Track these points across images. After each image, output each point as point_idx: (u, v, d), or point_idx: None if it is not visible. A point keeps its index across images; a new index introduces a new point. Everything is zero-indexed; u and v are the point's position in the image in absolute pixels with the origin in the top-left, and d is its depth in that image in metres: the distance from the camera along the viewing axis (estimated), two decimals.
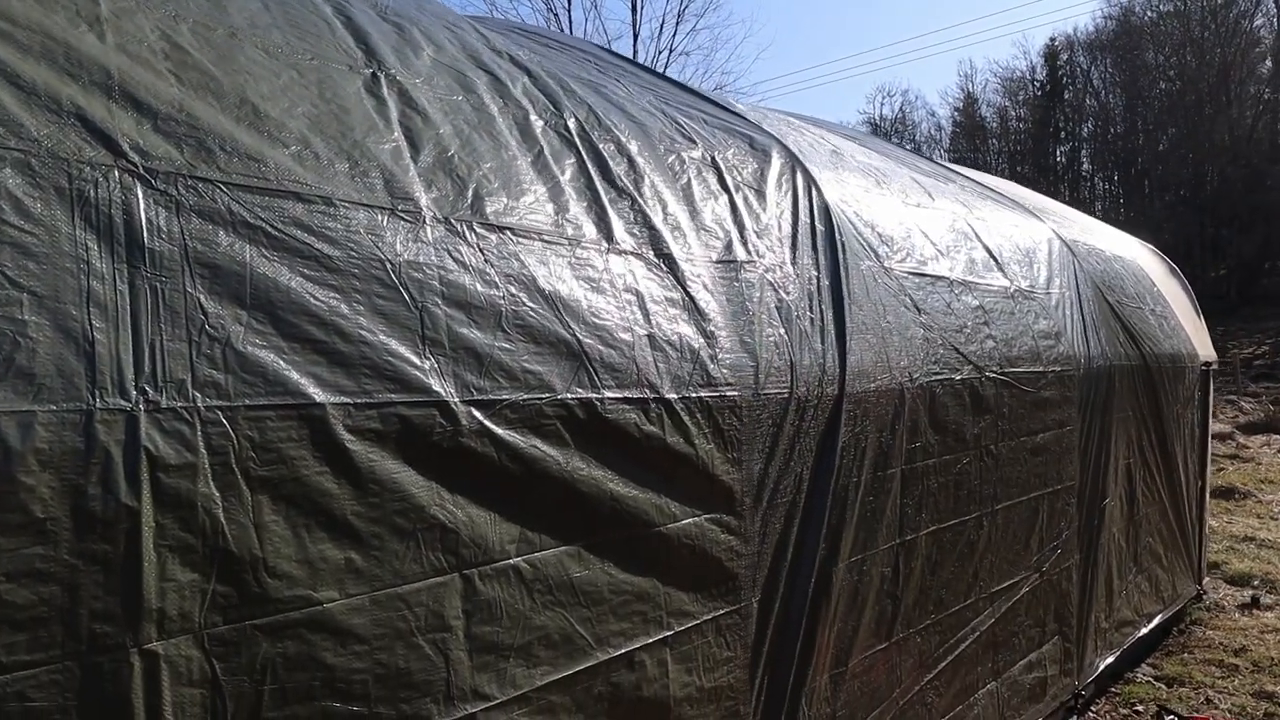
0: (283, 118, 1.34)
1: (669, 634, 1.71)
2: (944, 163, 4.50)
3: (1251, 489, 8.10)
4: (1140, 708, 3.64)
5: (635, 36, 20.39)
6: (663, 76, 2.80)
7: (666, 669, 1.70)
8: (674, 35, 25.79)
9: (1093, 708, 3.65)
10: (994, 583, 2.88)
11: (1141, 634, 4.07)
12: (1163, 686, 3.89)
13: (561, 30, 19.53)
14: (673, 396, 1.70)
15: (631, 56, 20.50)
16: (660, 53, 21.98)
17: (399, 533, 1.29)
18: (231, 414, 1.14)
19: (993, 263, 3.11)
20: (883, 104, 72.05)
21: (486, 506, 1.41)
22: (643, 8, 20.35)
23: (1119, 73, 35.61)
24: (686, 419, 1.73)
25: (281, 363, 1.20)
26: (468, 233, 1.49)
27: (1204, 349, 4.95)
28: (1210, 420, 5.09)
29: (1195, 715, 3.20)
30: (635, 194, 1.87)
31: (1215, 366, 5.14)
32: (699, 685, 1.77)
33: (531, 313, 1.52)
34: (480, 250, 1.49)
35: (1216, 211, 28.62)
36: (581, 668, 1.54)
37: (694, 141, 2.20)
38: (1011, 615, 3.01)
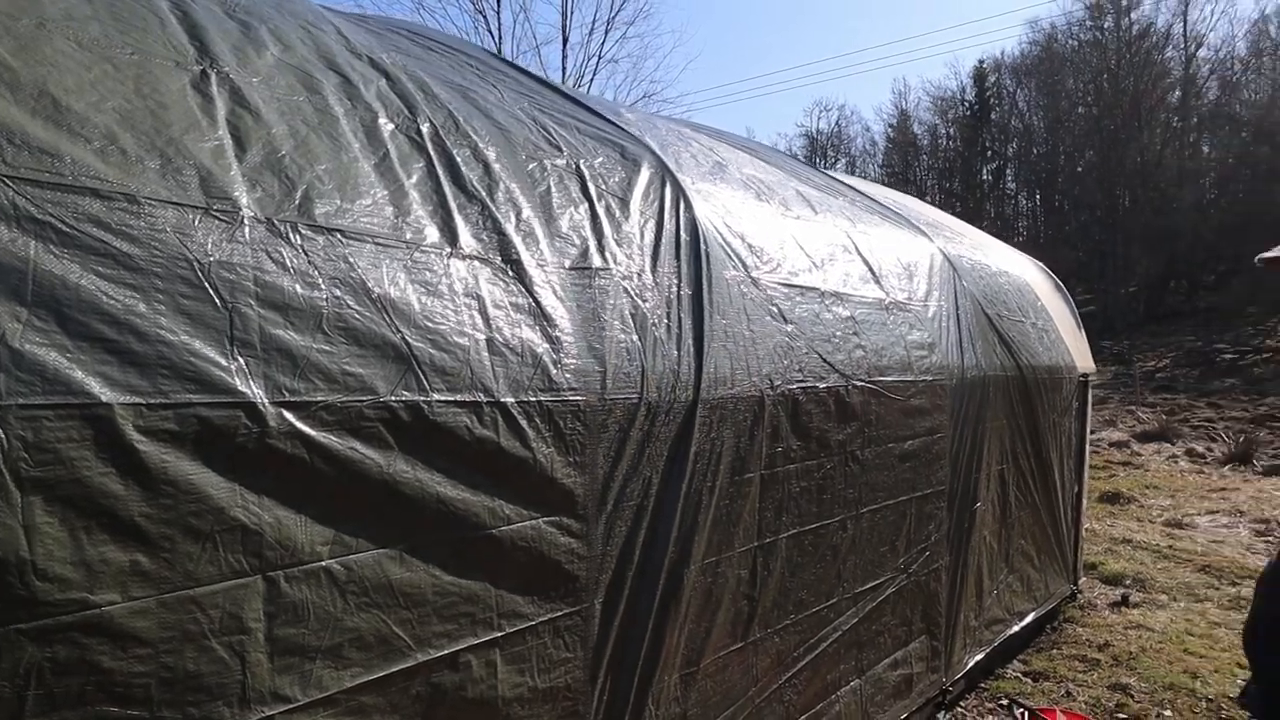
0: (87, 112, 1.32)
1: (499, 635, 1.72)
2: (841, 176, 4.63)
3: (1136, 494, 8.51)
4: (1005, 702, 3.80)
5: (565, 42, 20.32)
6: (547, 83, 2.81)
7: (495, 670, 1.72)
8: (603, 42, 25.70)
9: (961, 703, 3.79)
10: (858, 583, 2.98)
11: (1012, 631, 4.24)
12: (1029, 681, 4.07)
13: (492, 30, 19.38)
14: (509, 400, 1.72)
15: (561, 62, 20.43)
16: (590, 59, 21.95)
17: (194, 535, 1.28)
18: (2, 414, 1.11)
19: (869, 275, 3.21)
20: (819, 118, 73.49)
21: (296, 509, 1.40)
22: (572, 13, 20.31)
23: (1042, 96, 37.02)
24: (524, 422, 1.75)
25: (64, 361, 1.18)
26: (291, 234, 1.48)
27: (1083, 361, 5.18)
28: (1088, 429, 5.33)
29: (1042, 709, 3.34)
30: (487, 199, 1.89)
31: (1094, 378, 5.39)
32: (532, 686, 1.79)
33: (357, 315, 1.52)
34: (304, 252, 1.48)
35: (1128, 231, 29.97)
36: (398, 669, 1.54)
37: (560, 149, 2.22)
38: (877, 615, 3.11)
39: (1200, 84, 32.69)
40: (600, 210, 2.15)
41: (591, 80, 21.04)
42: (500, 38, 19.66)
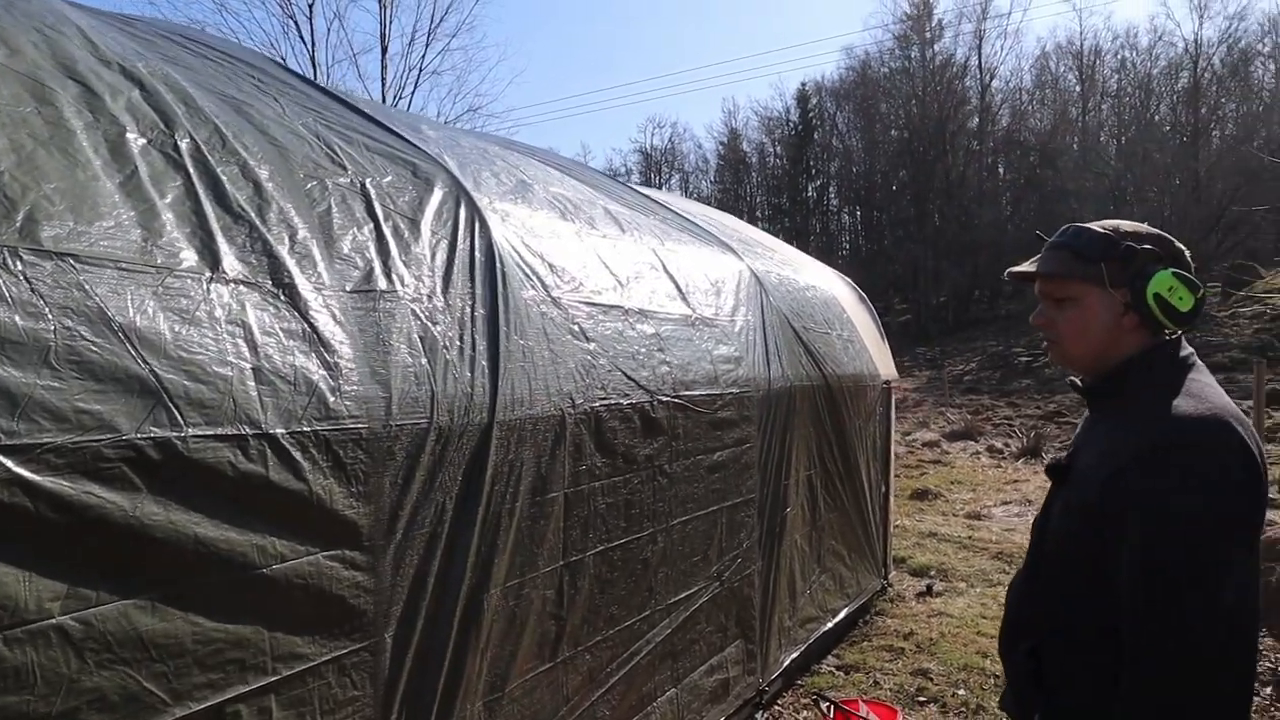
0: None
1: (275, 679, 1.63)
2: (657, 195, 4.75)
3: (943, 490, 9.22)
4: (826, 694, 3.99)
5: (384, 51, 19.75)
6: (340, 98, 2.72)
7: (270, 716, 1.63)
8: (424, 55, 25.20)
9: (779, 701, 3.95)
10: (671, 595, 3.05)
11: (826, 628, 4.48)
12: (841, 674, 4.31)
13: (304, 37, 18.59)
14: (280, 432, 1.64)
15: (380, 72, 19.83)
16: (410, 70, 21.41)
17: None
18: None
19: (676, 292, 3.30)
20: (653, 134, 75.23)
21: (17, 563, 1.28)
22: (392, 22, 19.75)
23: (859, 118, 39.66)
24: (297, 454, 1.67)
25: None
26: (10, 260, 1.35)
27: (886, 369, 5.56)
28: (893, 432, 5.72)
29: (847, 700, 3.55)
30: (256, 220, 1.80)
31: (896, 384, 5.79)
32: None
33: (93, 347, 1.40)
34: (26, 279, 1.36)
35: (938, 245, 32.57)
36: None
37: (344, 167, 2.16)
38: (691, 624, 3.19)
39: (995, 111, 36.11)
40: (387, 231, 2.10)
41: (413, 93, 20.56)
42: (314, 46, 18.88)
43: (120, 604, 1.40)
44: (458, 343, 2.13)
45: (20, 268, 1.36)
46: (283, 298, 1.76)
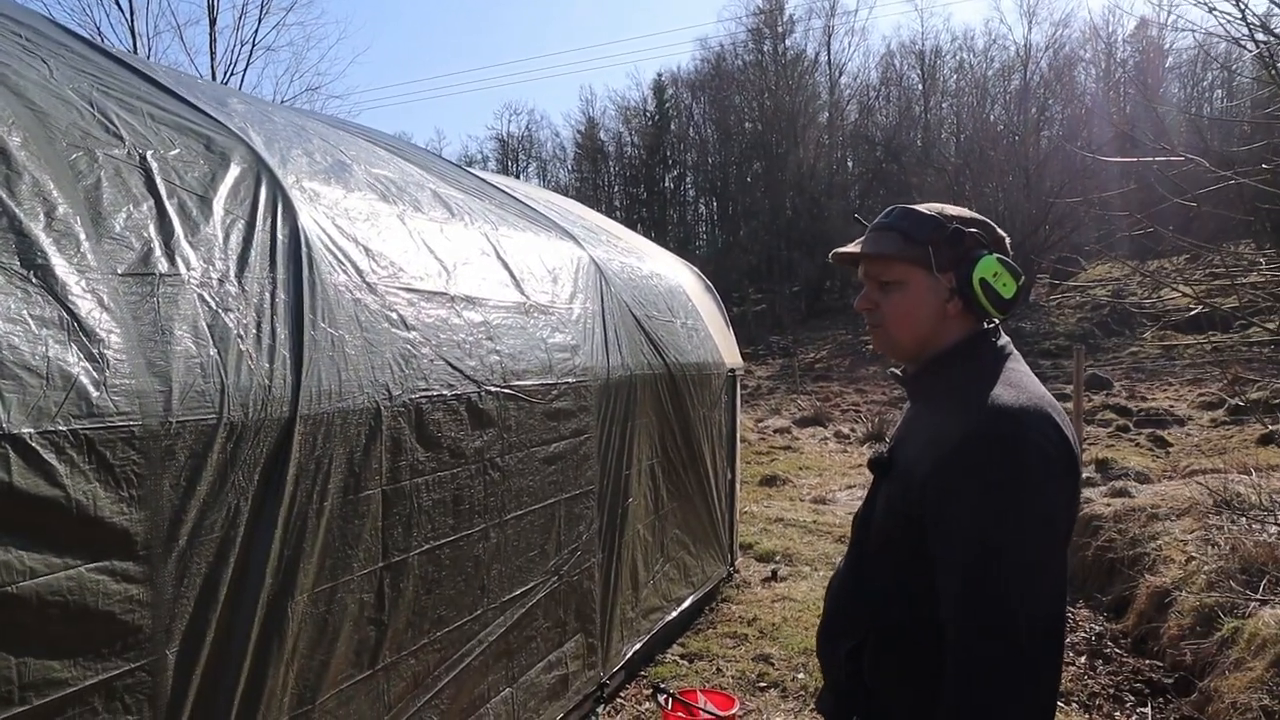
0: None
1: (23, 709, 1.46)
2: (498, 180, 4.64)
3: (791, 476, 9.57)
4: (664, 686, 4.03)
5: (212, 24, 18.49)
6: (128, 64, 2.47)
7: None
8: (257, 29, 23.76)
9: (622, 693, 3.96)
10: (505, 592, 2.98)
11: (670, 618, 4.53)
12: (685, 663, 4.37)
13: (122, 5, 17.18)
14: (27, 432, 1.46)
15: (209, 45, 18.58)
16: (242, 45, 20.14)
17: None
18: None
19: (509, 279, 3.23)
20: (510, 121, 74.16)
21: None
22: None
23: (714, 110, 40.49)
24: (50, 457, 1.49)
25: None
26: None
27: (731, 357, 5.68)
28: (738, 419, 5.86)
29: (684, 691, 3.60)
30: (3, 195, 1.59)
31: (741, 373, 5.93)
32: None
33: None
34: None
35: (790, 236, 33.77)
36: None
37: (120, 138, 1.95)
38: (527, 621, 3.13)
39: (844, 106, 37.79)
40: (171, 208, 1.91)
41: (246, 68, 19.35)
42: (132, 15, 17.44)
43: None
44: (254, 331, 1.97)
45: None
46: (35, 281, 1.57)
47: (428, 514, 2.54)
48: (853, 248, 1.58)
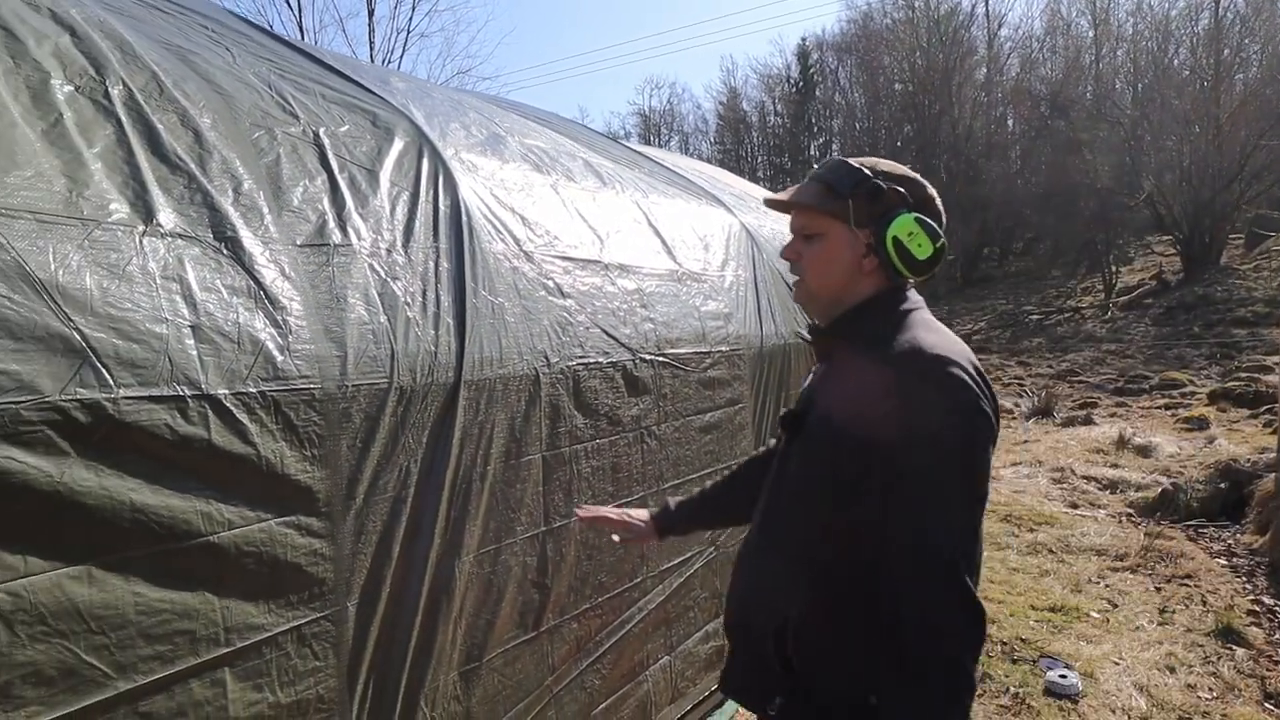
0: None
1: (228, 651, 1.57)
2: (645, 150, 4.61)
3: None
4: None
5: (371, 15, 19.51)
6: (301, 49, 2.60)
7: (225, 689, 1.56)
8: (411, 17, 24.68)
9: None
10: (664, 561, 2.98)
11: None
12: None
13: (291, 3, 18.32)
14: (222, 393, 1.56)
15: (368, 36, 19.54)
16: (398, 34, 21.13)
17: None
18: None
19: (661, 246, 3.19)
20: (651, 96, 74.11)
21: None
22: None
23: (861, 73, 38.87)
24: (243, 417, 1.59)
25: None
26: None
27: None
28: None
29: None
30: (196, 171, 1.70)
31: None
32: (274, 702, 1.65)
33: (8, 304, 1.31)
34: None
35: (945, 202, 32.00)
36: (93, 701, 1.36)
37: (296, 116, 2.05)
38: (685, 590, 3.12)
39: (1003, 61, 35.34)
40: (342, 182, 1.99)
41: (402, 56, 20.30)
42: (300, 11, 18.66)
43: (52, 574, 1.33)
44: (420, 299, 2.03)
45: None
46: (225, 252, 1.67)
47: (587, 480, 2.56)
48: (783, 195, 1.56)
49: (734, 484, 1.92)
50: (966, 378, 1.31)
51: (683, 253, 3.32)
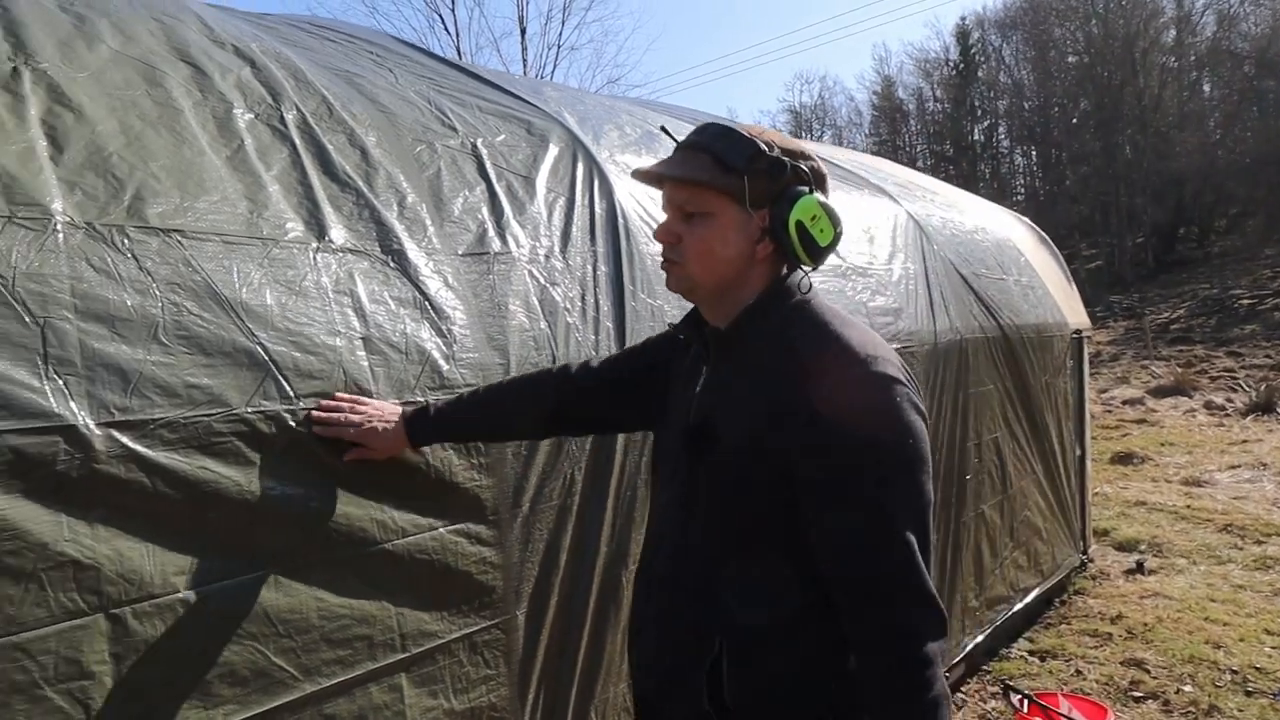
0: None
1: (404, 657, 1.59)
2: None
3: (1151, 453, 8.27)
4: (1014, 684, 3.63)
5: (523, 33, 20.12)
6: (457, 66, 2.67)
7: (402, 694, 1.59)
8: (561, 31, 25.27)
9: (963, 687, 3.63)
10: None
11: (1016, 609, 4.07)
12: (1035, 660, 3.89)
13: (449, 29, 19.27)
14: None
15: (521, 54, 20.21)
16: (550, 48, 21.72)
17: (13, 575, 1.15)
18: None
19: None
20: (802, 91, 72.55)
21: (141, 537, 1.28)
22: (529, 3, 20.07)
23: (1029, 48, 36.32)
24: None
25: None
26: (117, 238, 1.35)
27: (1075, 317, 4.99)
28: (1087, 388, 5.14)
29: (1043, 693, 3.17)
30: (363, 188, 1.75)
31: (1089, 334, 5.19)
32: (449, 709, 1.66)
33: (200, 321, 1.38)
34: (134, 256, 1.35)
35: (1130, 180, 29.36)
36: (282, 702, 1.41)
37: (454, 130, 2.09)
38: None
39: (1196, 20, 31.95)
40: (500, 190, 2.01)
41: (553, 70, 20.83)
42: (458, 36, 19.60)
43: (243, 578, 1.39)
44: (579, 304, 2.01)
45: (128, 245, 1.35)
46: (392, 264, 1.71)
47: None
48: (656, 166, 1.35)
49: (519, 392, 1.65)
50: (900, 374, 1.22)
51: (846, 246, 3.16)
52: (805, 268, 1.34)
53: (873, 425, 1.17)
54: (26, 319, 1.22)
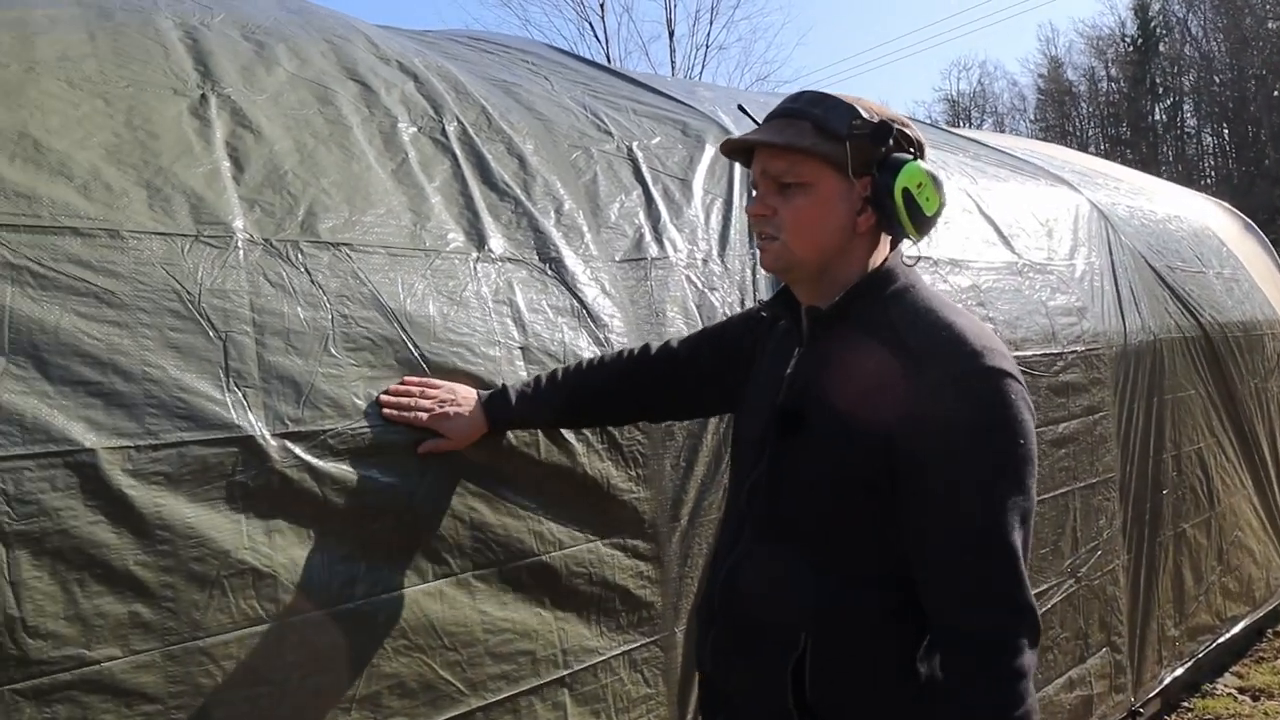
0: (70, 150, 1.27)
1: (566, 673, 1.56)
2: (962, 131, 4.19)
3: None
4: None
5: (671, 35, 20.09)
6: (612, 70, 2.66)
7: (566, 712, 1.56)
8: (709, 31, 24.91)
9: None
10: None
11: (1223, 640, 3.64)
12: (1246, 699, 3.45)
13: (599, 37, 19.57)
14: None
15: (669, 56, 20.22)
16: (698, 49, 21.56)
17: (198, 581, 1.20)
18: None
19: (996, 236, 2.83)
20: (959, 79, 68.97)
21: (314, 547, 1.30)
22: (676, 6, 20.00)
23: (1220, 16, 32.95)
24: (569, 436, 1.58)
25: (45, 408, 1.12)
26: (292, 253, 1.39)
27: None
28: None
29: None
30: (521, 196, 1.75)
31: None
32: None
33: (366, 334, 1.40)
34: (307, 270, 1.39)
35: None
36: (448, 717, 1.41)
37: (609, 134, 2.05)
38: (1044, 628, 2.70)
39: None
40: (656, 194, 1.96)
41: (701, 70, 20.69)
42: (607, 43, 19.85)
43: (412, 590, 1.39)
44: (739, 308, 1.93)
45: (301, 260, 1.39)
46: (549, 272, 1.69)
47: None
48: (751, 134, 1.25)
49: (603, 375, 1.54)
50: (1014, 369, 1.13)
51: (1022, 241, 2.92)
52: (909, 239, 1.24)
53: (984, 422, 1.10)
54: (210, 333, 1.26)
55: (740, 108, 1.43)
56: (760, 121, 1.26)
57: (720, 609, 1.30)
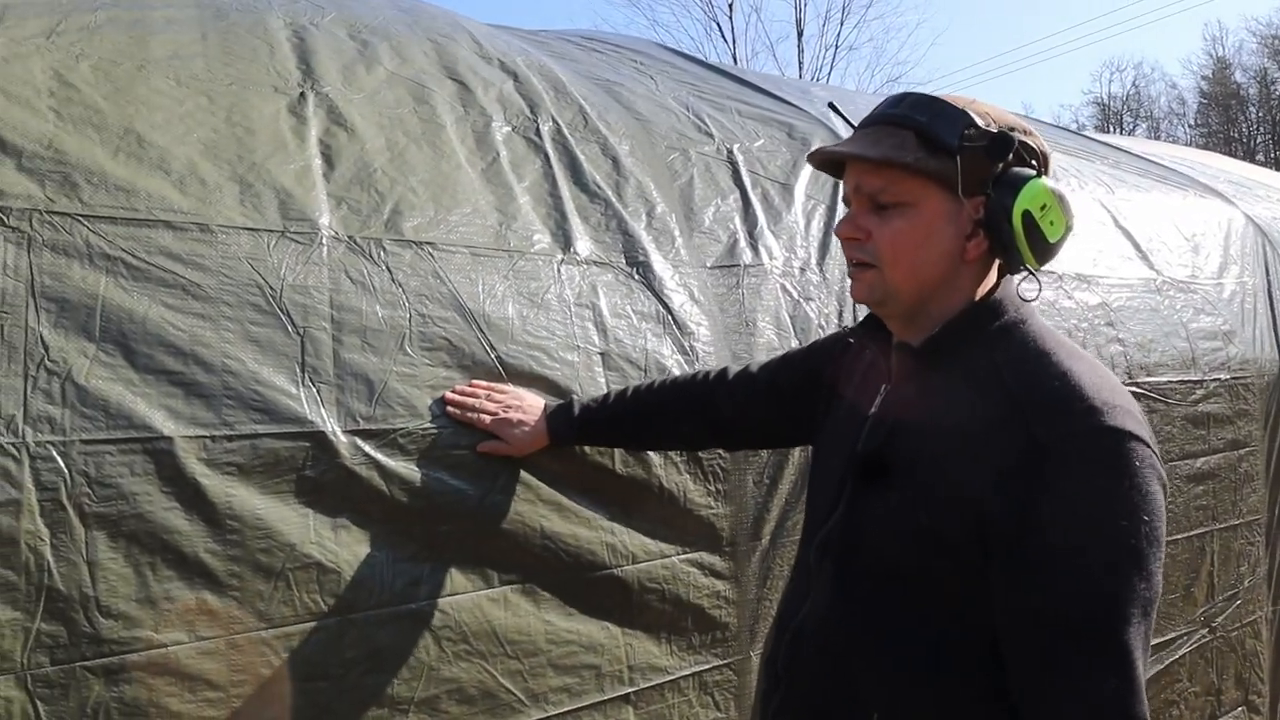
0: (170, 145, 1.31)
1: (631, 691, 1.51)
2: (1102, 137, 3.89)
3: None
4: None
5: (800, 35, 19.69)
6: (720, 70, 2.59)
7: None
8: (839, 31, 24.16)
9: None
10: None
11: None
12: None
13: (726, 38, 19.41)
14: None
15: (797, 56, 19.82)
16: (827, 50, 20.96)
17: (264, 573, 1.21)
18: (65, 449, 1.11)
19: (1133, 250, 2.59)
20: (1110, 80, 64.60)
21: (379, 545, 1.30)
22: (806, 6, 19.50)
23: None
24: None
25: (129, 395, 1.16)
26: (374, 250, 1.39)
27: None
28: None
29: None
30: (612, 198, 1.70)
31: None
32: None
33: (443, 334, 1.39)
34: (388, 269, 1.39)
35: None
36: None
37: (710, 135, 1.99)
38: (1167, 681, 2.46)
39: None
40: (754, 198, 1.88)
41: (830, 72, 20.18)
42: (734, 43, 19.69)
43: (474, 594, 1.37)
44: (836, 320, 1.83)
45: (383, 257, 1.39)
46: (636, 277, 1.64)
47: None
48: (843, 145, 1.09)
49: (677, 397, 1.45)
50: (1144, 430, 0.95)
51: (1162, 257, 2.66)
52: (1026, 269, 1.05)
53: (1104, 495, 0.92)
54: (289, 328, 1.28)
55: (831, 105, 1.29)
56: (855, 125, 1.12)
57: (783, 674, 1.18)
